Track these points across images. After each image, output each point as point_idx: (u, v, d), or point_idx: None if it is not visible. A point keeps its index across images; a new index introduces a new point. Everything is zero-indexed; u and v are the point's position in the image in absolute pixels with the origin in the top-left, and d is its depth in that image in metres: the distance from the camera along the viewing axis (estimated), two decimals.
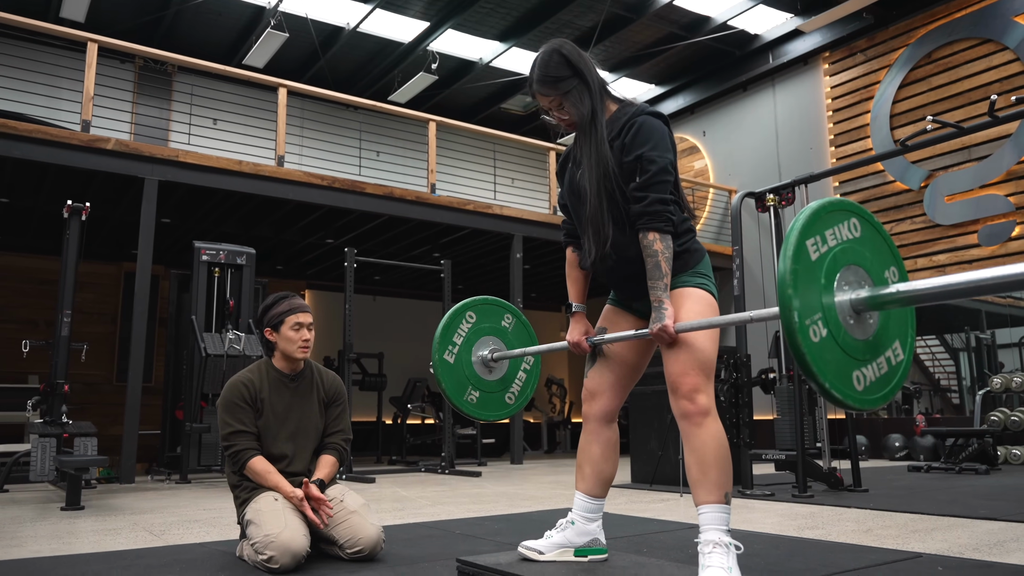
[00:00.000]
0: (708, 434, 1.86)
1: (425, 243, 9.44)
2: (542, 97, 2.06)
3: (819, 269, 1.45)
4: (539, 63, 2.05)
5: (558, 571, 1.98)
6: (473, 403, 2.43)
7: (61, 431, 5.23)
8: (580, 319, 2.17)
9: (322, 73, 10.60)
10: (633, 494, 4.99)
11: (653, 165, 1.93)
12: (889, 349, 1.52)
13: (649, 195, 1.92)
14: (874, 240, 1.56)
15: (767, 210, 6.00)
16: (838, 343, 1.43)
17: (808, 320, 1.39)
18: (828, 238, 1.48)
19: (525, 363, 2.57)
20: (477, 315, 2.54)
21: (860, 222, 1.55)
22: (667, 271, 1.91)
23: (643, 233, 1.93)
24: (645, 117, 1.98)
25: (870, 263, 1.53)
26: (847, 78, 9.58)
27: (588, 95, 2.02)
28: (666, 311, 1.89)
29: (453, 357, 2.44)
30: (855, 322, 1.47)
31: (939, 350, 9.23)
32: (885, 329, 1.51)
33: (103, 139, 6.39)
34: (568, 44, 2.05)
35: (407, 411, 9.53)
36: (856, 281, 1.50)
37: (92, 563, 2.58)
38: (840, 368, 1.42)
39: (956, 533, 3.13)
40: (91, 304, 9.51)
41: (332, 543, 2.54)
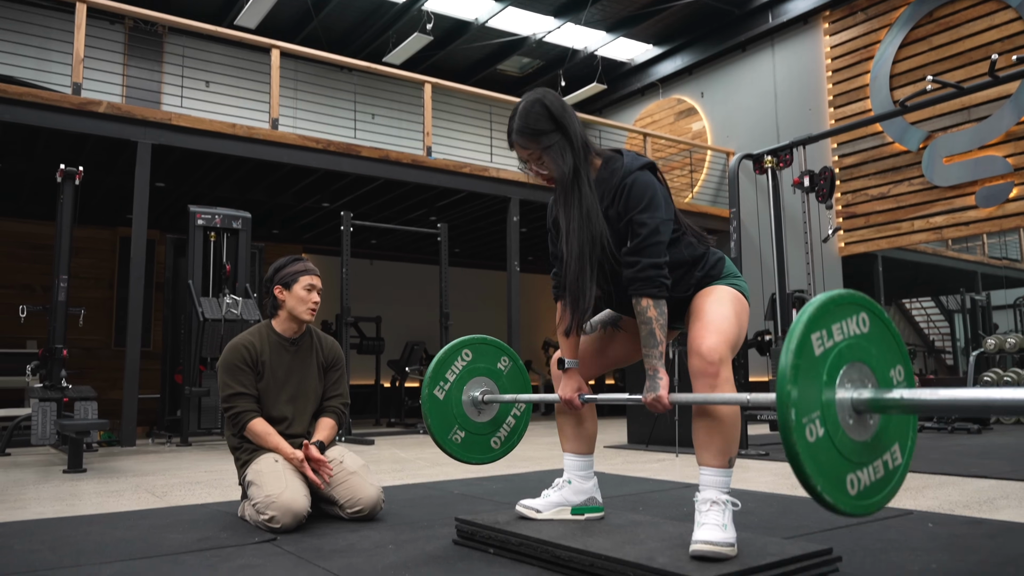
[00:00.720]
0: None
1: (422, 206, 9.40)
2: (521, 149, 1.98)
3: (822, 365, 1.38)
4: (520, 112, 1.96)
5: (555, 529, 2.01)
6: (457, 443, 2.40)
7: (61, 395, 5.26)
8: (573, 375, 2.11)
9: (315, 34, 10.45)
10: (629, 454, 5.05)
11: (644, 228, 1.88)
12: (888, 452, 1.45)
13: (641, 260, 1.88)
14: (882, 336, 1.49)
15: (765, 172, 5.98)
16: (835, 444, 1.36)
17: (805, 418, 1.33)
18: (835, 332, 1.41)
19: (516, 409, 2.52)
20: (473, 354, 2.50)
21: (869, 317, 1.47)
22: (661, 339, 1.86)
23: (636, 299, 1.89)
24: (634, 177, 1.91)
25: (876, 361, 1.46)
26: (847, 37, 9.46)
27: (570, 151, 1.94)
28: (660, 380, 1.85)
29: (443, 394, 2.41)
30: (855, 422, 1.40)
31: (934, 311, 9.27)
32: (885, 431, 1.45)
33: (95, 102, 6.31)
34: (551, 95, 1.97)
35: (405, 374, 9.58)
36: (860, 379, 1.42)
37: (96, 524, 2.62)
38: (834, 471, 1.36)
39: (947, 491, 3.18)
40: (87, 269, 9.49)
41: (332, 503, 2.58)
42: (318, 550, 2.12)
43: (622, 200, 1.92)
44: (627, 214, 1.91)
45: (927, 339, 9.26)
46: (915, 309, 9.42)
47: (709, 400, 1.77)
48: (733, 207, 5.78)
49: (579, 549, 1.81)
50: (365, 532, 2.37)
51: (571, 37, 11.17)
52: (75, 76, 6.34)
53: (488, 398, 2.45)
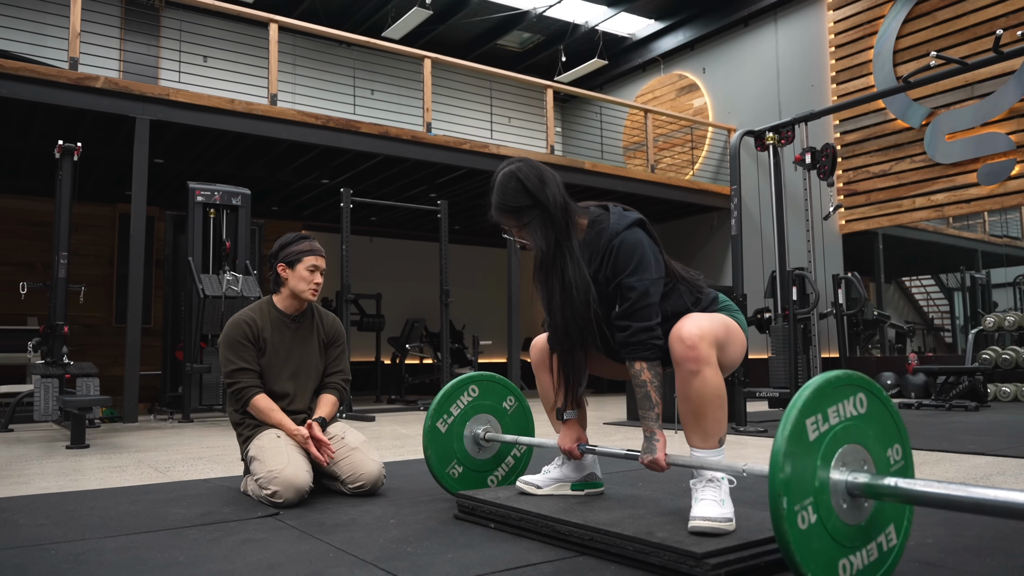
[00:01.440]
0: (703, 383, 1.80)
1: (421, 183, 9.37)
2: (502, 224, 1.98)
3: (816, 450, 1.35)
4: (497, 188, 1.95)
5: (555, 505, 2.03)
6: (454, 478, 2.42)
7: (63, 372, 5.28)
8: (573, 426, 2.13)
9: (314, 8, 10.34)
10: (629, 431, 5.08)
11: (633, 292, 1.86)
12: (882, 534, 1.42)
13: (632, 325, 1.86)
14: (880, 417, 1.46)
15: (766, 149, 5.95)
16: (827, 530, 1.34)
17: (798, 506, 1.30)
18: (830, 416, 1.38)
19: (516, 450, 2.54)
20: (480, 390, 2.51)
21: (867, 397, 1.44)
22: (657, 400, 1.86)
23: (629, 363, 1.89)
24: (621, 239, 1.89)
25: (872, 442, 1.43)
26: (850, 12, 9.37)
27: (550, 225, 1.91)
28: (657, 443, 1.86)
29: (445, 427, 2.43)
30: (848, 506, 1.37)
31: (934, 289, 9.28)
32: (880, 512, 1.42)
33: (92, 77, 6.26)
34: (526, 167, 1.94)
35: (405, 351, 9.61)
36: (855, 462, 1.39)
37: (99, 498, 2.64)
38: (826, 558, 1.33)
39: (944, 467, 3.20)
40: (87, 246, 9.48)
41: (334, 479, 2.60)
42: (320, 524, 2.14)
43: (609, 264, 1.91)
44: (615, 278, 1.90)
45: (926, 317, 9.28)
46: (915, 287, 9.43)
47: (702, 464, 1.77)
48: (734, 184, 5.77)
49: (579, 524, 1.82)
50: (367, 507, 2.39)
51: (572, 11, 11.06)
52: (72, 51, 6.28)
53: (490, 436, 2.47)
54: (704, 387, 1.80)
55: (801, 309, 5.84)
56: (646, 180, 9.92)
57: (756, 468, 1.60)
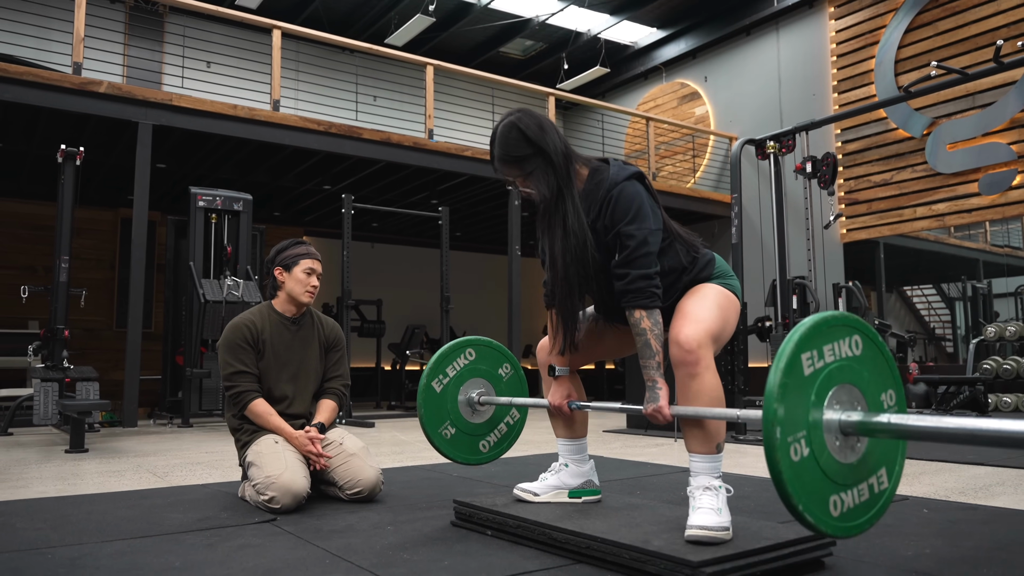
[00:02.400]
0: (701, 385, 1.82)
1: (423, 189, 9.38)
2: (505, 175, 2.00)
3: (811, 385, 1.37)
4: (499, 140, 1.97)
5: (552, 512, 2.03)
6: (446, 438, 2.41)
7: (63, 376, 5.29)
8: (563, 383, 2.12)
9: (317, 14, 10.38)
10: (628, 439, 5.07)
11: (632, 240, 1.87)
12: (873, 476, 1.44)
13: (631, 272, 1.87)
14: (875, 360, 1.47)
15: (767, 157, 5.96)
16: (819, 464, 1.35)
17: (791, 437, 1.32)
18: (826, 353, 1.40)
19: (510, 417, 2.53)
20: (476, 354, 2.50)
21: (863, 340, 1.46)
22: (657, 349, 1.86)
23: (629, 312, 1.88)
24: (620, 188, 1.91)
25: (867, 384, 1.45)
26: (852, 22, 9.39)
27: (552, 172, 1.94)
28: (660, 391, 1.85)
29: (440, 387, 2.42)
30: (841, 444, 1.39)
31: (935, 298, 9.27)
32: (872, 454, 1.43)
33: (95, 82, 6.29)
34: (527, 117, 1.97)
35: (406, 357, 9.60)
36: (849, 401, 1.41)
37: (98, 503, 2.64)
38: (817, 491, 1.34)
39: (943, 477, 3.19)
40: (88, 250, 9.49)
41: (332, 485, 2.60)
42: (317, 530, 2.14)
43: (608, 212, 1.91)
44: (614, 227, 1.90)
45: (928, 326, 9.26)
46: (916, 296, 9.42)
47: (704, 415, 1.77)
48: (735, 192, 5.77)
49: (575, 531, 1.82)
50: (364, 513, 2.39)
51: (574, 20, 11.09)
52: (76, 56, 6.31)
53: (484, 400, 2.46)
54: (703, 390, 1.82)
55: (802, 318, 5.83)
56: None
57: (751, 414, 1.59)
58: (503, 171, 2.00)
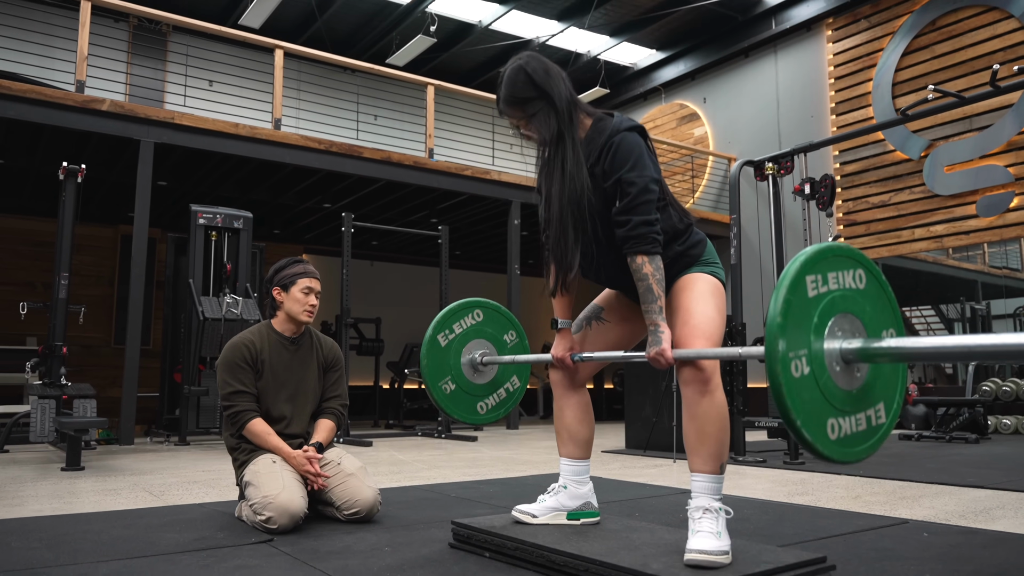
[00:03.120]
0: (711, 404, 1.84)
1: (423, 208, 9.41)
2: (509, 116, 2.03)
3: (814, 307, 1.39)
4: (505, 81, 2.00)
5: (551, 534, 2.01)
6: (446, 393, 2.42)
7: (60, 393, 5.27)
8: (565, 335, 2.13)
9: (319, 35, 10.46)
10: (627, 460, 5.05)
11: (633, 187, 1.89)
12: (872, 408, 1.45)
13: (632, 218, 1.88)
14: (878, 297, 1.49)
15: (766, 179, 5.98)
16: (819, 385, 1.36)
17: (792, 354, 1.33)
18: (830, 280, 1.42)
19: (510, 383, 2.54)
20: (484, 316, 2.52)
21: (867, 275, 1.48)
22: (660, 293, 1.86)
23: (631, 257, 1.90)
24: (621, 136, 1.93)
25: (869, 318, 1.46)
26: (850, 45, 9.47)
27: (554, 116, 1.96)
28: (662, 335, 1.84)
29: (445, 342, 2.43)
30: (841, 370, 1.40)
31: (934, 320, 9.27)
32: (871, 387, 1.45)
33: (98, 100, 6.33)
34: (534, 61, 2.00)
35: (404, 376, 9.59)
36: (850, 330, 1.43)
37: (93, 522, 2.62)
38: (816, 410, 1.35)
39: (943, 500, 3.18)
40: (88, 267, 9.50)
41: (329, 504, 2.58)
42: (314, 551, 2.13)
43: (608, 158, 1.93)
44: (614, 173, 1.92)
45: None
46: (915, 317, 9.42)
47: (705, 355, 1.81)
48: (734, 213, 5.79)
49: (574, 554, 1.81)
50: (361, 534, 2.38)
51: (574, 41, 11.19)
52: (79, 74, 6.35)
53: (487, 360, 2.47)
54: (711, 407, 1.84)
55: None
56: None
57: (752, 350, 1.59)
58: (507, 112, 2.03)
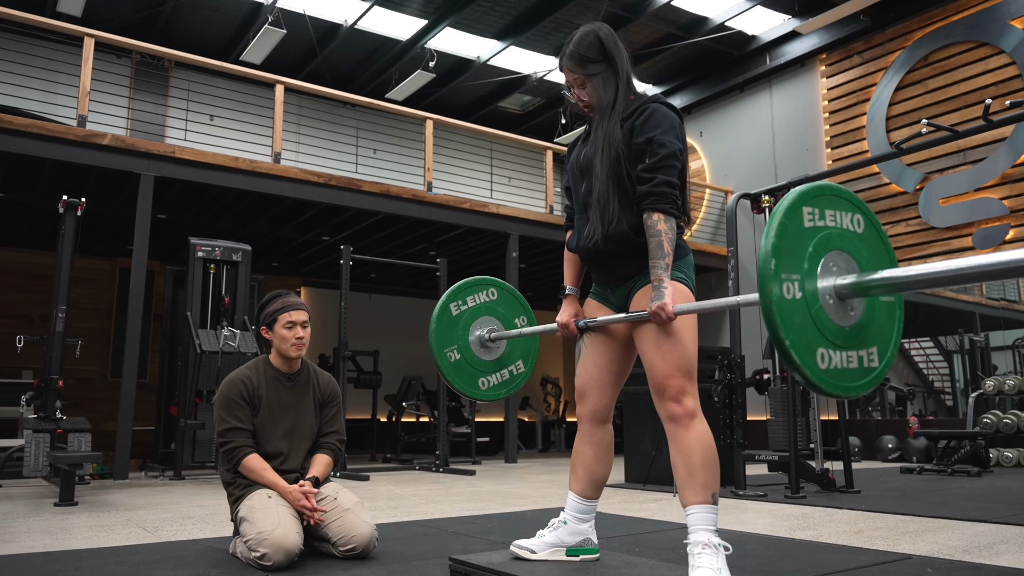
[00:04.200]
0: (695, 436, 1.87)
1: (421, 241, 9.44)
2: (568, 72, 2.08)
3: (809, 238, 1.37)
4: (575, 39, 2.07)
5: (550, 570, 1.99)
6: (450, 362, 2.43)
7: (55, 427, 5.23)
8: (572, 302, 2.18)
9: (319, 70, 10.59)
10: (627, 494, 5.00)
11: (663, 148, 1.94)
12: (864, 350, 1.43)
13: (657, 176, 1.93)
14: (874, 243, 1.48)
15: (762, 211, 6.01)
16: (810, 313, 1.34)
17: (785, 275, 1.32)
18: (827, 216, 1.41)
19: (515, 367, 2.55)
20: (499, 296, 2.55)
21: (864, 221, 1.47)
22: (669, 251, 1.90)
23: (648, 213, 1.93)
24: (658, 104, 2.01)
25: (865, 261, 1.44)
26: (844, 80, 9.60)
27: (614, 83, 2.05)
28: (666, 290, 1.87)
29: (457, 312, 2.45)
30: (834, 304, 1.38)
31: (933, 352, 9.26)
32: (865, 328, 1.42)
33: (99, 134, 6.38)
34: (607, 29, 2.08)
35: (402, 409, 9.53)
36: (845, 268, 1.41)
37: (85, 559, 2.58)
38: (805, 336, 1.33)
39: (946, 535, 3.15)
40: (86, 299, 9.49)
41: (325, 540, 2.55)
42: None
43: (641, 118, 1.99)
44: (645, 133, 1.97)
45: (926, 380, 9.24)
46: (914, 349, 9.41)
47: (705, 308, 1.83)
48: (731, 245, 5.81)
49: None
50: (358, 571, 2.34)
51: None
52: (81, 108, 6.41)
53: (495, 335, 2.48)
54: (695, 439, 1.88)
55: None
56: None
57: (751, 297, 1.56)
58: (568, 67, 2.07)
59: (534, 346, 2.60)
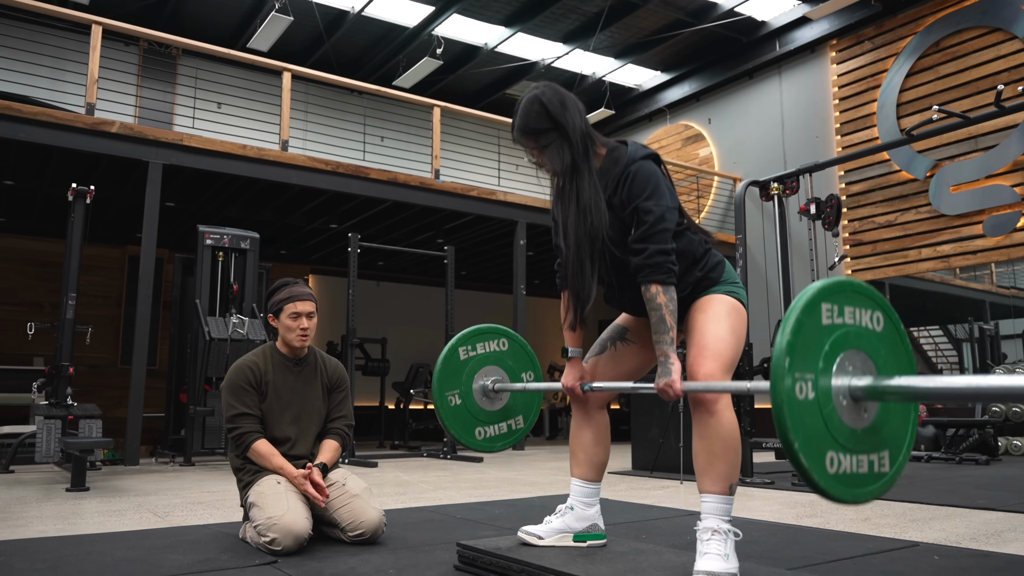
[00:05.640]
0: (720, 424, 1.83)
1: (429, 229, 9.44)
2: (523, 146, 2.04)
3: (826, 336, 1.34)
4: (521, 111, 2.01)
5: (557, 556, 2.00)
6: (450, 405, 2.40)
7: (66, 413, 5.27)
8: (576, 364, 2.13)
9: (326, 57, 10.57)
10: (634, 481, 5.02)
11: (650, 215, 1.89)
12: (876, 454, 1.38)
13: (649, 247, 1.88)
14: (893, 342, 1.44)
15: (771, 199, 5.98)
16: (822, 413, 1.31)
17: (798, 374, 1.29)
18: (846, 313, 1.37)
19: (514, 421, 2.53)
20: (509, 347, 2.53)
21: (885, 319, 1.43)
22: (672, 324, 1.86)
23: (645, 286, 1.89)
24: (638, 165, 1.94)
25: (883, 361, 1.40)
26: (854, 66, 9.52)
27: (568, 148, 1.95)
28: (672, 366, 1.84)
29: (465, 356, 2.44)
30: (848, 406, 1.35)
31: (942, 340, 9.22)
32: (877, 431, 1.39)
33: (108, 122, 6.39)
34: (549, 91, 2.00)
35: (410, 396, 9.56)
36: (862, 368, 1.37)
37: (97, 543, 2.61)
38: (816, 438, 1.29)
39: (954, 523, 3.14)
40: (96, 287, 9.54)
41: (334, 526, 2.57)
42: (318, 573, 2.11)
43: (625, 188, 1.94)
44: (631, 202, 1.92)
45: (935, 368, 9.20)
46: (923, 337, 9.37)
47: (713, 388, 1.79)
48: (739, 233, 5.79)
49: None
50: (366, 556, 2.36)
51: (580, 63, 11.27)
52: (89, 96, 6.42)
53: (499, 386, 2.46)
54: (720, 428, 1.83)
55: None
56: None
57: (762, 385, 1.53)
58: (521, 142, 2.04)
59: (537, 403, 2.57)
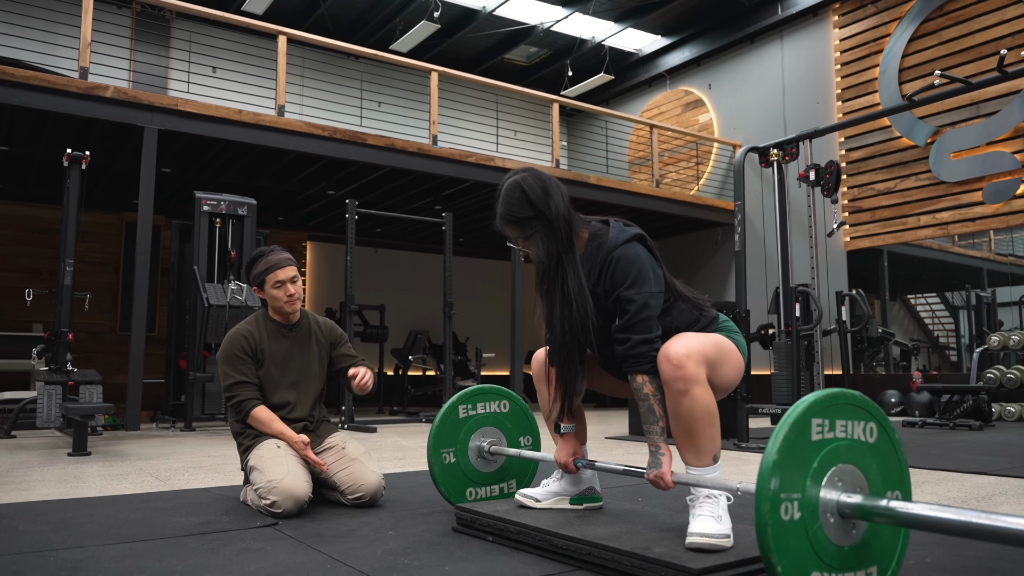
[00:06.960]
0: (692, 402, 1.80)
1: (427, 195, 9.40)
2: (506, 234, 2.00)
3: (816, 452, 1.31)
4: (503, 198, 1.96)
5: (553, 518, 2.03)
6: (444, 463, 2.41)
7: (67, 379, 5.29)
8: (569, 439, 2.14)
9: (322, 20, 10.42)
10: (631, 446, 5.07)
11: (632, 304, 1.86)
12: (863, 570, 1.35)
13: (631, 337, 1.86)
14: (887, 455, 1.40)
15: (770, 165, 5.96)
16: (808, 533, 1.28)
17: (784, 494, 1.26)
18: (837, 427, 1.34)
19: (506, 485, 2.54)
20: (510, 410, 2.54)
21: (878, 430, 1.40)
22: (661, 414, 1.84)
23: (631, 376, 1.88)
24: (620, 251, 1.90)
25: (874, 475, 1.37)
26: (857, 31, 9.40)
27: (552, 237, 1.92)
28: (663, 457, 1.84)
29: (464, 415, 2.45)
30: (835, 523, 1.32)
31: (939, 307, 9.25)
32: (866, 547, 1.35)
33: (102, 87, 6.32)
34: (531, 178, 1.95)
35: (408, 363, 9.61)
36: (852, 484, 1.34)
37: (100, 506, 2.64)
38: (800, 560, 1.26)
39: (946, 487, 3.19)
40: (93, 253, 9.52)
41: (334, 489, 2.60)
42: (319, 535, 2.14)
43: (608, 276, 1.91)
44: (614, 291, 1.90)
45: (931, 335, 9.24)
46: (920, 305, 9.40)
47: (702, 484, 1.77)
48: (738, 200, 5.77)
49: (576, 538, 1.82)
50: (365, 518, 2.39)
51: (579, 27, 11.12)
52: (82, 60, 6.34)
53: (495, 449, 2.48)
54: (694, 406, 1.80)
55: (804, 326, 5.83)
56: (651, 195, 9.95)
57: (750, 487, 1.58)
58: (504, 230, 2.00)
59: (532, 470, 2.58)
